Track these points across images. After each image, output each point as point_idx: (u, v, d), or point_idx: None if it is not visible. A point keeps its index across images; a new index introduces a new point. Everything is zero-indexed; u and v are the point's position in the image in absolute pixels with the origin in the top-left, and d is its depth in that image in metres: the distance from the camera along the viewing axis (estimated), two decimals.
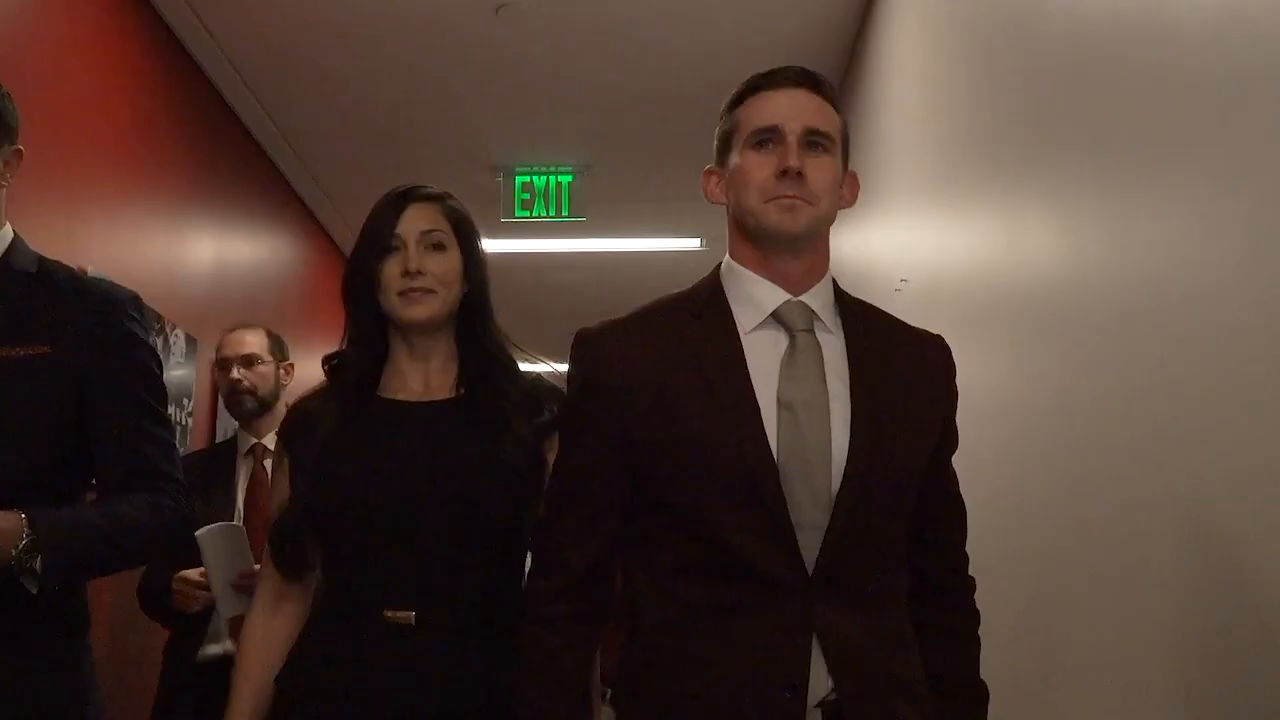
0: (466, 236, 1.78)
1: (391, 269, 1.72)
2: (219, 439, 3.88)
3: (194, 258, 4.14)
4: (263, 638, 1.76)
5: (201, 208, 4.21)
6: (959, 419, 1.55)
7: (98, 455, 1.71)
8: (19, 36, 2.85)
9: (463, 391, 1.76)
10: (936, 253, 2.77)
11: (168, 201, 3.87)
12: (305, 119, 4.71)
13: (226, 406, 3.05)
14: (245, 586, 2.46)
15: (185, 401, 3.81)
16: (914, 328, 1.57)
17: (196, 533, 2.42)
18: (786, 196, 1.43)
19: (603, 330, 1.53)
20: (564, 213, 5.10)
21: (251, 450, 2.93)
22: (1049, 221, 1.96)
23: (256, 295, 4.76)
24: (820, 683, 1.36)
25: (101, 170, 3.36)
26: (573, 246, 6.05)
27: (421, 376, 1.78)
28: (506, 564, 1.73)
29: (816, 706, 1.36)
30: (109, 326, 1.71)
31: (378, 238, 1.74)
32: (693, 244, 5.94)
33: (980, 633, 1.57)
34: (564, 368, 1.58)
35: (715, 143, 1.55)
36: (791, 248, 1.47)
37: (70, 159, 3.12)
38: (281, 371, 3.03)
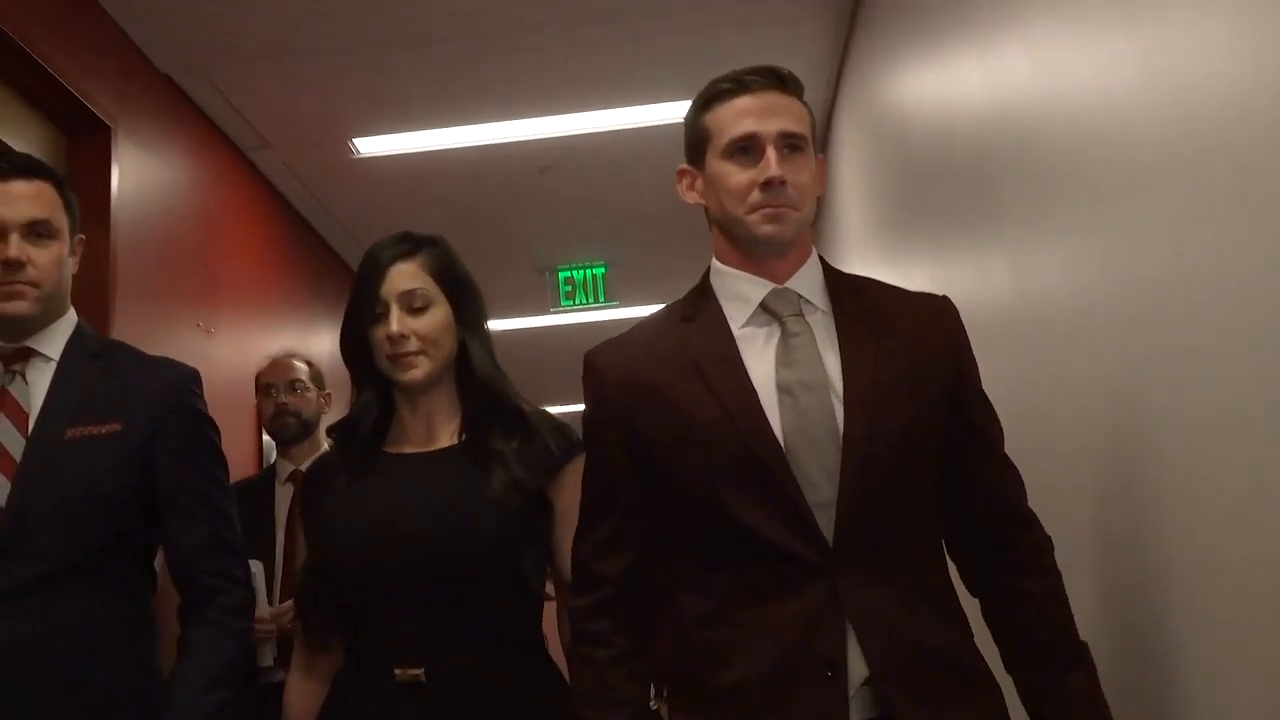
0: (453, 286, 1.67)
1: (378, 334, 1.64)
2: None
3: (318, 349, 4.81)
4: (299, 701, 1.70)
5: (320, 315, 5.21)
6: None
7: (172, 531, 1.70)
8: (208, 230, 4.00)
9: (464, 438, 1.66)
10: None
11: (298, 315, 4.93)
12: None
13: (269, 430, 2.96)
14: (262, 635, 2.43)
15: None
16: (913, 293, 1.50)
17: None
18: (772, 206, 1.36)
19: (602, 346, 1.49)
20: (600, 299, 5.60)
21: (291, 477, 2.79)
22: (920, 266, 2.84)
23: None
24: (859, 660, 1.28)
25: (254, 303, 4.41)
26: (609, 316, 6.38)
27: (424, 429, 1.69)
28: (514, 605, 1.63)
29: (863, 686, 1.27)
30: (174, 402, 1.72)
31: (361, 306, 1.65)
32: None
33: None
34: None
35: (685, 141, 1.46)
36: (781, 252, 1.41)
37: (240, 301, 4.23)
38: (321, 400, 2.96)
